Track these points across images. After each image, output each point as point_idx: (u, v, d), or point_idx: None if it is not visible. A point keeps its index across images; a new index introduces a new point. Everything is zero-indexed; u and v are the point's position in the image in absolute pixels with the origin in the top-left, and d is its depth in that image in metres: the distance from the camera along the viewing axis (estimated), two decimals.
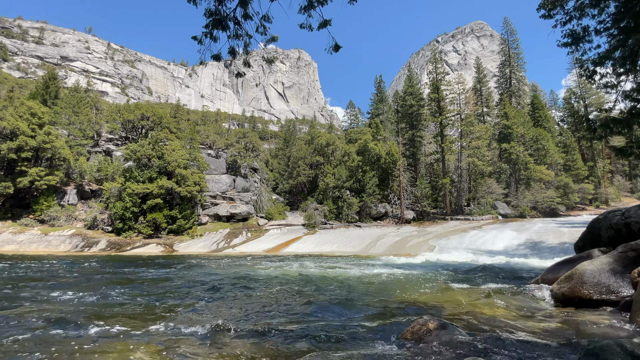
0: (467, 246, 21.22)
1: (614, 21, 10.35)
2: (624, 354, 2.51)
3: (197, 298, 7.71)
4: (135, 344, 4.24)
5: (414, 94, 46.27)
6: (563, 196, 39.65)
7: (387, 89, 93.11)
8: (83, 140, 37.23)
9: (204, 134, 49.43)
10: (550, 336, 4.11)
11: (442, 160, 40.88)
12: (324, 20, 6.17)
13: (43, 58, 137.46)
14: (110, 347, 4.15)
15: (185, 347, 4.13)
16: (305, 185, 46.56)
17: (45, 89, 38.82)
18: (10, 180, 28.98)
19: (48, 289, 8.70)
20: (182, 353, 3.96)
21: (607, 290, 5.50)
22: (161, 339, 4.45)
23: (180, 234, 30.58)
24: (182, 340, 4.41)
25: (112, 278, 11.11)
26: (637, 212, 7.50)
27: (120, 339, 4.46)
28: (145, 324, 5.16)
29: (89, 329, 4.86)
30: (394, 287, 8.90)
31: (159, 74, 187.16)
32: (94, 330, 4.77)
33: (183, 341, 4.34)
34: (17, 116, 29.93)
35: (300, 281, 10.20)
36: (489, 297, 6.90)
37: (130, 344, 4.23)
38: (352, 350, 3.91)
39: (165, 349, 4.06)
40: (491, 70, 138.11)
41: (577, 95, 54.70)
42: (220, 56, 6.56)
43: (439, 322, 4.11)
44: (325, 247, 26.33)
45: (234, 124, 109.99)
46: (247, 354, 3.92)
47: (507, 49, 58.93)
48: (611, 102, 12.53)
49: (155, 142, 33.11)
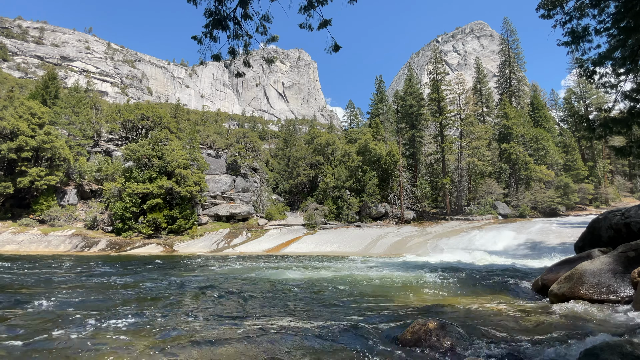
0: (467, 246, 21.22)
1: (614, 21, 10.35)
2: (624, 354, 2.51)
3: (202, 300, 7.71)
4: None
5: (414, 94, 46.30)
6: (563, 196, 39.65)
7: (387, 89, 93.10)
8: (83, 140, 37.23)
9: (204, 134, 49.45)
10: (550, 336, 4.11)
11: (442, 160, 40.88)
12: (324, 20, 6.18)
13: (43, 58, 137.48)
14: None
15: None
16: (305, 185, 46.58)
17: (45, 89, 38.82)
18: (10, 180, 28.99)
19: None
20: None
21: (607, 291, 5.50)
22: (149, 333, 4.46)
23: (180, 234, 30.60)
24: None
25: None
26: (637, 212, 7.50)
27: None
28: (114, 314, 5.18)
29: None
30: (393, 287, 8.90)
31: (159, 74, 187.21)
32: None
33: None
34: (17, 116, 29.94)
35: (300, 281, 10.20)
36: (489, 297, 6.90)
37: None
38: (351, 350, 3.91)
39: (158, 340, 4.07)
40: (491, 70, 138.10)
41: (577, 95, 54.73)
42: (220, 56, 6.56)
43: (439, 322, 4.11)
44: (325, 247, 26.34)
45: (234, 124, 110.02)
46: (245, 352, 3.92)
47: (507, 49, 58.96)
48: (611, 102, 12.54)
49: (155, 142, 33.12)
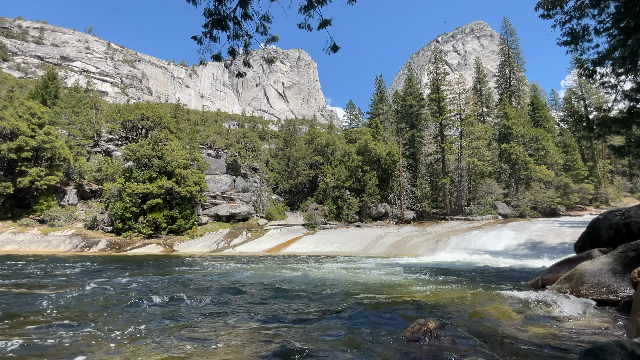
0: (467, 246, 21.22)
1: (614, 21, 10.35)
2: (624, 354, 2.50)
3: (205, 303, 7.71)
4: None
5: (414, 94, 46.30)
6: (563, 196, 39.64)
7: (387, 89, 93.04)
8: (83, 140, 37.24)
9: (204, 134, 49.46)
10: (550, 336, 4.11)
11: (442, 160, 40.87)
12: (323, 20, 6.17)
13: (43, 58, 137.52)
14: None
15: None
16: (305, 185, 46.58)
17: (45, 89, 38.84)
18: (10, 180, 29.00)
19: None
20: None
21: (607, 291, 5.49)
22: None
23: (180, 234, 30.61)
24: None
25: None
26: (637, 212, 7.50)
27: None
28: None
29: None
30: (393, 287, 8.90)
31: (159, 74, 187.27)
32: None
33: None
34: (17, 116, 29.95)
35: (300, 281, 10.21)
36: (489, 297, 6.90)
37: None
38: (351, 350, 3.91)
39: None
40: (491, 70, 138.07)
41: (577, 95, 54.71)
42: (220, 56, 6.55)
43: (439, 322, 4.11)
44: (325, 247, 26.34)
45: (234, 124, 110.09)
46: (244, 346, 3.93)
47: (507, 49, 58.99)
48: (611, 102, 12.55)
49: (155, 142, 33.13)
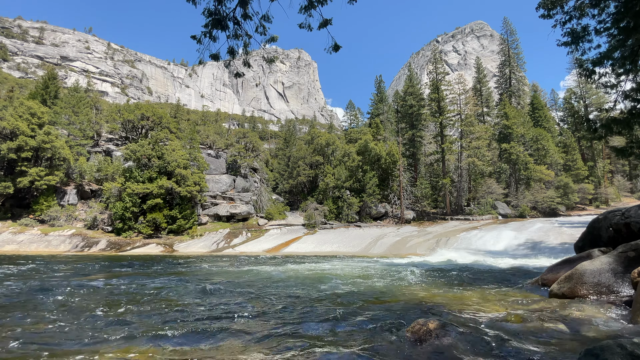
0: (467, 246, 21.22)
1: (614, 21, 10.35)
2: (624, 354, 2.50)
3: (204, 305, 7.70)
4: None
5: (414, 94, 46.30)
6: (563, 196, 39.63)
7: (387, 89, 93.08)
8: (83, 140, 37.24)
9: (204, 134, 49.47)
10: (550, 336, 4.11)
11: (442, 160, 40.87)
12: (324, 20, 6.16)
13: (43, 58, 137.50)
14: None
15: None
16: (305, 185, 46.57)
17: (45, 89, 38.85)
18: (10, 180, 29.00)
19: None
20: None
21: (607, 291, 5.49)
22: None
23: (180, 234, 30.61)
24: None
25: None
26: (637, 212, 7.49)
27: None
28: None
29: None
30: (393, 287, 8.90)
31: (159, 74, 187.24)
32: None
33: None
34: (17, 116, 29.95)
35: (300, 281, 10.20)
36: (489, 297, 6.90)
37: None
38: (350, 351, 3.91)
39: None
40: (491, 70, 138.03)
41: (577, 95, 54.69)
42: (219, 56, 6.54)
43: (439, 322, 4.11)
44: (325, 247, 26.34)
45: (234, 124, 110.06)
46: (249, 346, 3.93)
47: (507, 49, 58.99)
48: (611, 102, 12.53)
49: (155, 142, 33.13)
